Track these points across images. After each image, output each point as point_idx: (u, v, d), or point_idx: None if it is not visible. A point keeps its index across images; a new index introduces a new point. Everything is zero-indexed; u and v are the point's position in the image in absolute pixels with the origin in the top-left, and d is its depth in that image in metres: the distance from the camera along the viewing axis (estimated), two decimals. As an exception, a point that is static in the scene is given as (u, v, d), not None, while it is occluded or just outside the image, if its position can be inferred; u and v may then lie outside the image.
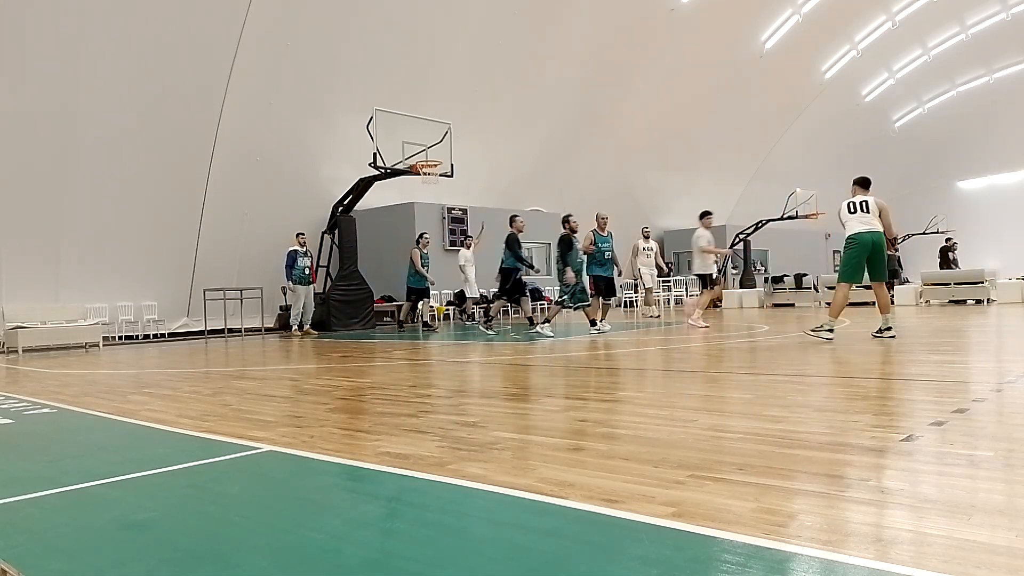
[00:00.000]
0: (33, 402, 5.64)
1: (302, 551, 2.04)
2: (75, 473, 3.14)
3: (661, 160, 25.16)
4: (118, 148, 13.50)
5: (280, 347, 11.46)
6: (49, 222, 13.24)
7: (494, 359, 7.79)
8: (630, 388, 5.11)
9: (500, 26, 17.78)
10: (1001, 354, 6.69)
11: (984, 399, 4.07)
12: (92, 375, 7.93)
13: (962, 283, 17.39)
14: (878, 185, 8.67)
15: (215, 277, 15.29)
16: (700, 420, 3.71)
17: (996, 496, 2.29)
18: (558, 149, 21.52)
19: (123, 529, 2.34)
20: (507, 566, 1.88)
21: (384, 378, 6.32)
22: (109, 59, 12.83)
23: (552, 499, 2.42)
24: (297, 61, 15.12)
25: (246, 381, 6.57)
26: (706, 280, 11.92)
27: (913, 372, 5.32)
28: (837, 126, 30.60)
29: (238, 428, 4.08)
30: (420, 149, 14.02)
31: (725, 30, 22.86)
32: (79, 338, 12.71)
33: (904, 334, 8.94)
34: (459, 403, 4.72)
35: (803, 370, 5.80)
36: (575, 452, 3.09)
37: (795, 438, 3.20)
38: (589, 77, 20.67)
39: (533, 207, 21.43)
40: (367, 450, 3.34)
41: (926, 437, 3.10)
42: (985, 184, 35.96)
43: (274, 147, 15.60)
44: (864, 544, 1.91)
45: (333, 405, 4.81)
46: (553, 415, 4.08)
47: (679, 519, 2.16)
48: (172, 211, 14.57)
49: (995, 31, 28.39)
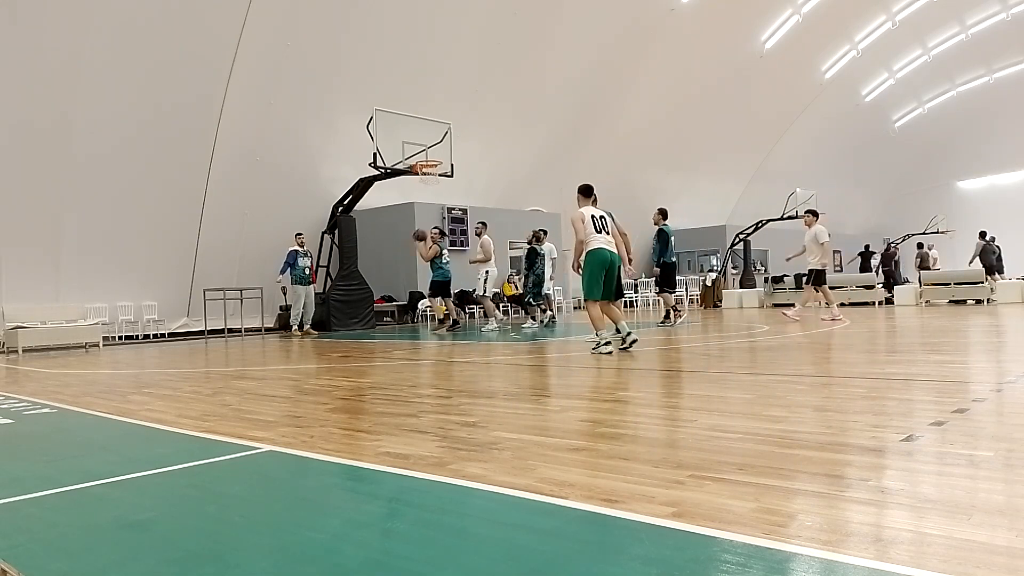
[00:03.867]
0: (33, 402, 5.64)
1: (302, 551, 2.04)
2: (75, 473, 3.14)
3: (661, 160, 25.17)
4: (118, 148, 13.50)
5: (280, 347, 11.46)
6: (49, 222, 13.24)
7: (494, 359, 7.79)
8: (630, 388, 5.11)
9: (500, 26, 17.78)
10: (1001, 354, 6.69)
11: (984, 399, 4.07)
12: (92, 375, 7.93)
13: (962, 283, 17.39)
14: (878, 185, 8.70)
15: (215, 277, 15.28)
16: (700, 420, 3.71)
17: (996, 496, 2.29)
18: (558, 149, 21.53)
19: (123, 529, 2.34)
20: (507, 566, 1.88)
21: (384, 378, 6.32)
22: (110, 59, 12.83)
23: (552, 499, 2.42)
24: (297, 61, 15.12)
25: (246, 381, 6.57)
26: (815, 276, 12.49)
27: (913, 372, 5.32)
28: (837, 126, 30.60)
29: (238, 428, 4.08)
30: (420, 149, 14.02)
31: (725, 30, 22.87)
32: (79, 338, 12.71)
33: (904, 334, 8.94)
34: (459, 403, 4.72)
35: (803, 370, 5.80)
36: (575, 452, 3.09)
37: (795, 438, 3.20)
38: (589, 77, 20.68)
39: (533, 207, 21.44)
40: (367, 450, 3.34)
41: (926, 437, 3.10)
42: (985, 184, 35.97)
43: (274, 147, 15.60)
44: (864, 544, 1.91)
45: (333, 405, 4.81)
46: (553, 415, 4.08)
47: (679, 519, 2.16)
48: (172, 211, 14.57)
49: (995, 31, 28.40)
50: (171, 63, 13.48)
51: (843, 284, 18.55)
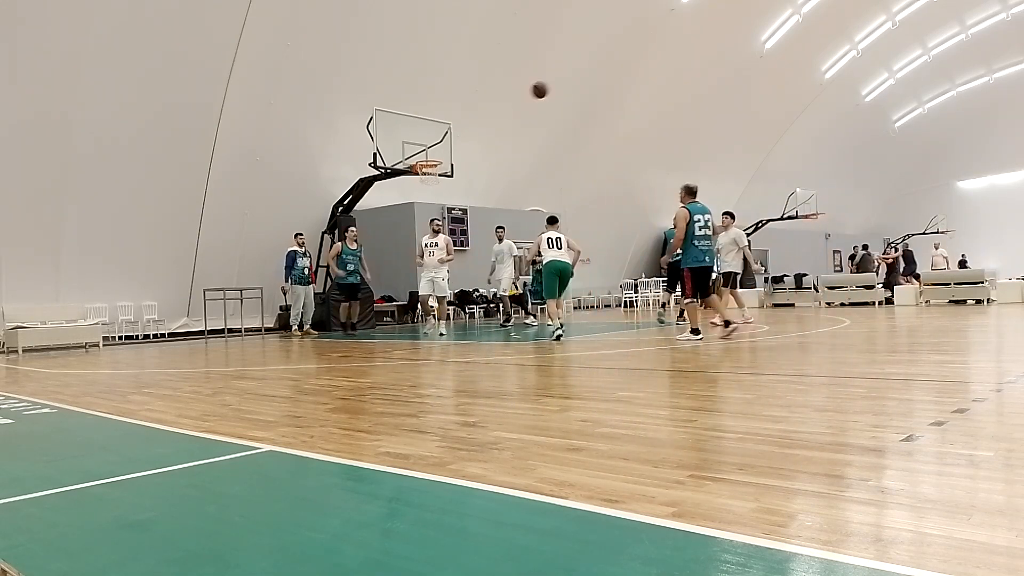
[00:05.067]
0: (33, 402, 5.64)
1: (302, 551, 2.04)
2: (75, 473, 3.14)
3: (661, 160, 25.16)
4: (118, 148, 13.49)
5: (280, 347, 11.46)
6: (49, 222, 13.24)
7: (494, 359, 7.79)
8: (630, 388, 5.11)
9: (500, 26, 17.78)
10: (1001, 354, 6.69)
11: (984, 399, 4.07)
12: (92, 375, 7.93)
13: (962, 283, 17.39)
14: (878, 185, 8.78)
15: (215, 277, 15.27)
16: (700, 420, 3.71)
17: (996, 496, 2.29)
18: (558, 149, 21.52)
19: (123, 529, 2.34)
20: (507, 566, 1.88)
21: (384, 378, 6.32)
22: (110, 59, 12.82)
23: (552, 499, 2.42)
24: (297, 61, 15.12)
25: (246, 381, 6.57)
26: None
27: (913, 372, 5.32)
28: (837, 126, 30.61)
29: (238, 428, 4.08)
30: (420, 149, 14.01)
31: (725, 30, 22.87)
32: (79, 338, 12.70)
33: (904, 334, 8.95)
34: (459, 403, 4.72)
35: (803, 370, 5.80)
36: (575, 452, 3.09)
37: (795, 438, 3.20)
38: (589, 77, 20.67)
39: (533, 207, 21.43)
40: (367, 450, 3.34)
41: (926, 437, 3.10)
42: (985, 184, 35.98)
43: (274, 147, 15.59)
44: (864, 544, 1.91)
45: (333, 405, 4.81)
46: (553, 415, 4.08)
47: (679, 519, 2.16)
48: (172, 211, 14.56)
49: (995, 31, 28.41)
50: (171, 63, 13.48)
51: (843, 284, 18.55)
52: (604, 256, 24.64)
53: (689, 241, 8.93)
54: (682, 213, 9.07)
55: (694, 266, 8.98)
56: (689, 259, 8.99)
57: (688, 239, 8.94)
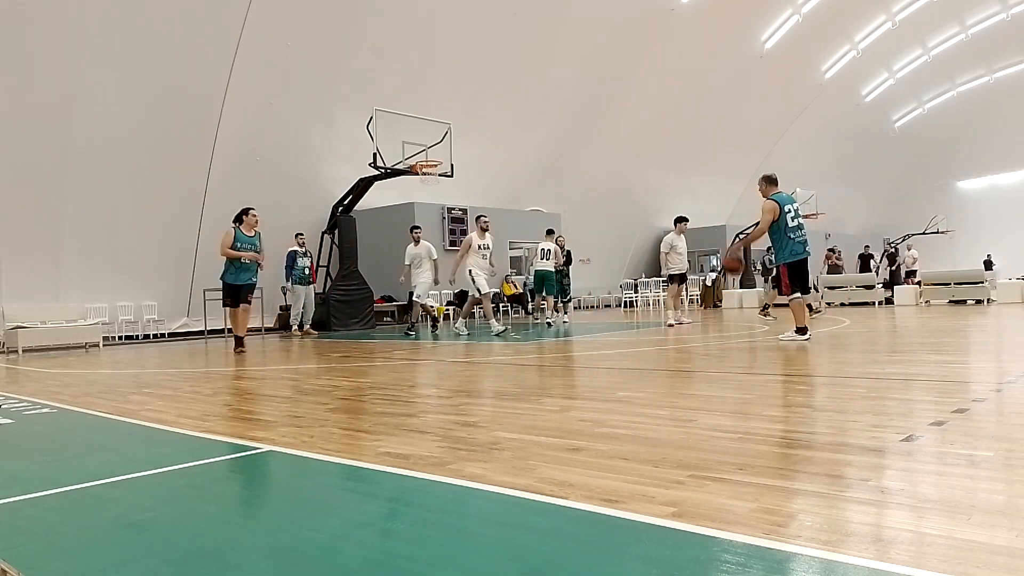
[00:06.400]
0: (33, 402, 5.64)
1: (302, 551, 2.04)
2: (75, 473, 3.13)
3: (661, 160, 25.17)
4: (118, 148, 13.50)
5: (280, 347, 11.46)
6: (49, 222, 13.24)
7: (494, 359, 7.79)
8: (630, 388, 5.11)
9: (500, 26, 17.78)
10: (1001, 354, 6.69)
11: (984, 399, 4.07)
12: (92, 375, 7.93)
13: (962, 283, 17.39)
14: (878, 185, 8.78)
15: (215, 277, 15.24)
16: (700, 420, 3.71)
17: (996, 496, 2.29)
18: (558, 149, 21.53)
19: (123, 529, 2.33)
20: (507, 566, 1.88)
21: (384, 378, 6.32)
22: (109, 59, 12.83)
23: (552, 499, 2.42)
24: (297, 61, 15.12)
25: (246, 381, 6.57)
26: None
27: (913, 372, 5.32)
28: (837, 126, 30.62)
29: (238, 428, 4.08)
30: (420, 149, 14.02)
31: (725, 30, 22.88)
32: (79, 338, 12.71)
33: (904, 334, 8.95)
34: (459, 403, 4.72)
35: (803, 370, 5.80)
36: (575, 452, 3.09)
37: (795, 438, 3.20)
38: (589, 77, 20.68)
39: (533, 207, 21.43)
40: (367, 450, 3.34)
41: (926, 437, 3.10)
42: (985, 184, 36.00)
43: (274, 147, 15.59)
44: (864, 544, 1.91)
45: (333, 405, 4.81)
46: (553, 415, 4.08)
47: (679, 519, 2.16)
48: (172, 211, 14.57)
49: (995, 31, 28.43)
50: (171, 63, 13.48)
51: (843, 284, 18.55)
52: (604, 256, 24.67)
53: (783, 234, 8.25)
54: (769, 205, 8.43)
55: (791, 260, 8.26)
56: (786, 253, 8.28)
57: (781, 232, 8.26)
